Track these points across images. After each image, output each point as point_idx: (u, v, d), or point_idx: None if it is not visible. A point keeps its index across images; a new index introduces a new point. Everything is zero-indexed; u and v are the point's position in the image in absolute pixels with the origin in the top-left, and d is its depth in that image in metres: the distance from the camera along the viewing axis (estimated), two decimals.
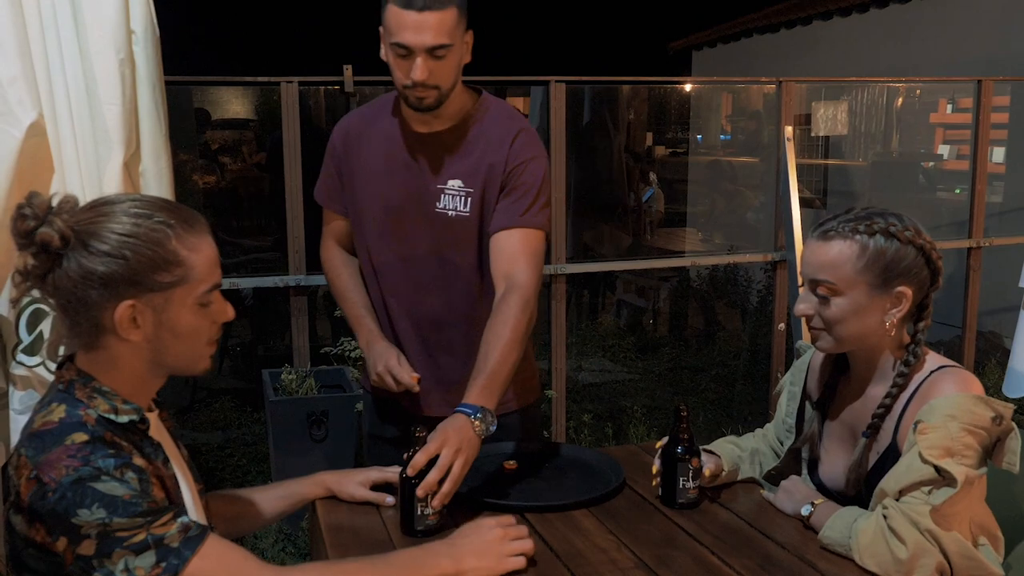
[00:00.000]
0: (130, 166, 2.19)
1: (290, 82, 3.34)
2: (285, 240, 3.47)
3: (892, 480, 1.50)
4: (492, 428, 1.67)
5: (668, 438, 1.72)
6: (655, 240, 6.92)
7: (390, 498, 1.69)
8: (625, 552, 1.55)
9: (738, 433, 2.01)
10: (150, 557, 1.19)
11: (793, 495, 1.69)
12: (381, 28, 1.85)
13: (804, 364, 1.84)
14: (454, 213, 1.94)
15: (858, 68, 6.88)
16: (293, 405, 3.20)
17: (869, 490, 1.58)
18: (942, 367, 1.59)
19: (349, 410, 3.15)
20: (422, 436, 1.60)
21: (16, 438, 2.19)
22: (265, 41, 13.17)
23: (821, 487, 1.71)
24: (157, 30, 2.20)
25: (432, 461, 1.55)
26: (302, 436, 3.16)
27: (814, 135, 4.76)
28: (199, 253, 1.31)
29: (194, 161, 6.10)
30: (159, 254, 1.28)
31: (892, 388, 1.59)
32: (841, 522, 1.53)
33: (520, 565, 1.43)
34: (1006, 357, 3.51)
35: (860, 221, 1.57)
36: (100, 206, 1.29)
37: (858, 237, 1.55)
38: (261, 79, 3.48)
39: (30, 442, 1.24)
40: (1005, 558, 1.56)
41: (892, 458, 1.55)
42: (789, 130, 3.89)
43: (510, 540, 1.45)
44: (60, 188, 2.13)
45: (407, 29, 1.77)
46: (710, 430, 4.38)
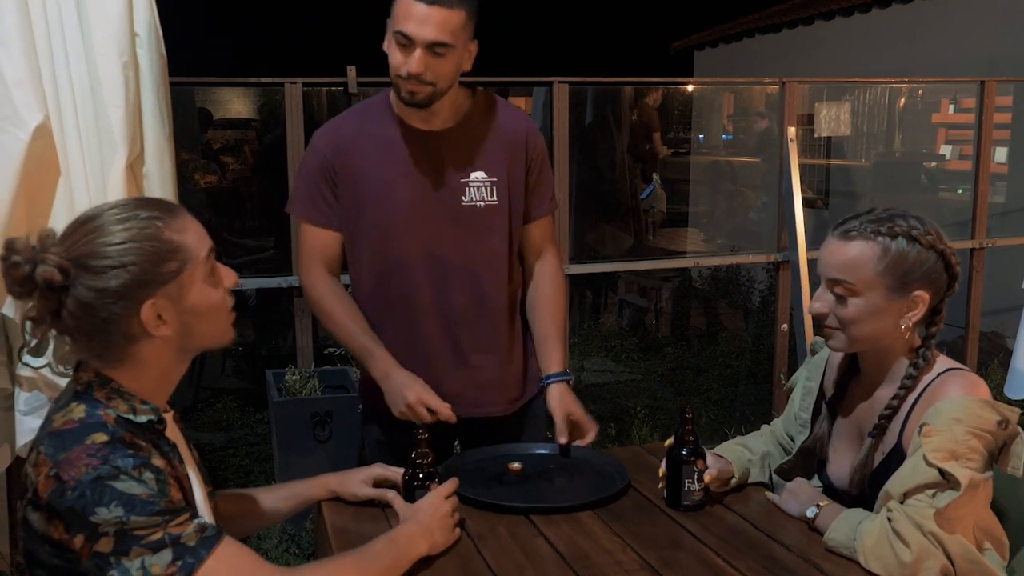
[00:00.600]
0: (134, 168, 2.20)
1: (294, 83, 3.34)
2: (288, 240, 3.47)
3: (897, 482, 1.50)
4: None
5: (673, 439, 1.72)
6: (657, 240, 6.91)
7: (392, 493, 1.70)
8: (630, 554, 1.56)
9: (741, 434, 2.01)
10: (166, 555, 1.20)
11: (798, 497, 1.70)
12: (389, 20, 1.88)
13: (822, 361, 1.83)
14: (483, 204, 2.00)
15: (860, 68, 6.88)
16: (297, 406, 3.21)
17: (874, 490, 1.58)
18: (949, 369, 1.59)
19: (353, 411, 3.15)
20: (424, 438, 1.62)
21: (21, 439, 2.20)
22: (269, 42, 13.18)
23: (829, 486, 1.72)
24: (160, 32, 2.20)
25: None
26: (306, 437, 3.16)
27: (817, 136, 4.76)
28: (188, 232, 1.34)
29: (196, 161, 6.10)
30: (158, 248, 1.29)
31: (900, 390, 1.59)
32: (846, 524, 1.53)
33: (458, 534, 1.59)
34: (1008, 358, 3.51)
35: (882, 223, 1.56)
36: (83, 225, 1.29)
37: (880, 239, 1.55)
38: (265, 80, 3.48)
39: (50, 440, 1.25)
40: (1009, 562, 1.56)
41: (897, 459, 1.56)
42: (792, 131, 3.89)
43: (453, 511, 1.59)
44: (66, 190, 2.13)
45: (412, 19, 1.81)
46: (712, 430, 4.38)
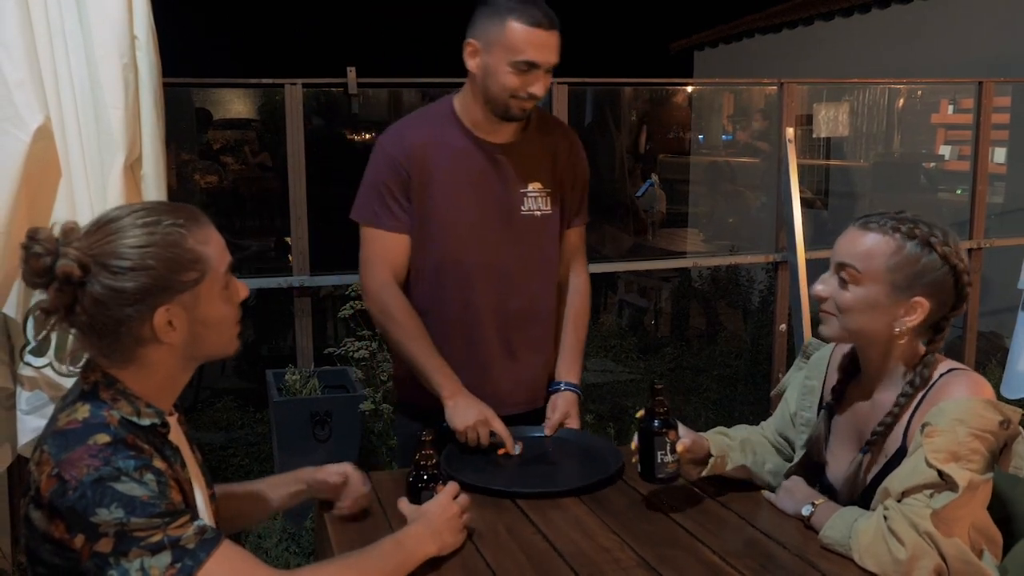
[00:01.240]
0: (134, 169, 2.21)
1: (294, 84, 3.36)
2: (285, 242, 3.49)
3: (896, 481, 1.50)
4: None
5: (644, 412, 1.69)
6: (657, 240, 6.92)
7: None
8: (628, 551, 1.57)
9: None
10: (165, 557, 1.21)
11: (794, 495, 1.70)
12: (475, 40, 1.96)
13: (824, 361, 1.81)
14: (539, 213, 2.11)
15: (859, 68, 6.89)
16: (297, 405, 3.22)
17: (874, 494, 1.58)
18: (951, 370, 1.58)
19: (353, 410, 3.17)
20: (428, 440, 1.63)
21: (23, 438, 2.21)
22: (269, 42, 13.18)
23: (828, 490, 1.71)
24: (156, 36, 2.22)
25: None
26: (306, 436, 3.17)
27: (815, 137, 4.77)
28: (210, 244, 1.34)
29: (196, 161, 6.10)
30: (180, 255, 1.29)
31: (900, 397, 1.58)
32: (841, 522, 1.54)
33: (466, 536, 1.59)
34: (1007, 357, 3.52)
35: (903, 222, 1.56)
36: (106, 225, 1.30)
37: (897, 236, 1.55)
38: (266, 81, 3.49)
39: (54, 440, 1.26)
40: (1002, 560, 1.57)
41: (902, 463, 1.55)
42: (790, 131, 3.90)
43: (462, 513, 1.57)
44: (66, 191, 2.15)
45: (536, 47, 1.91)
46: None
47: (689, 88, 8.68)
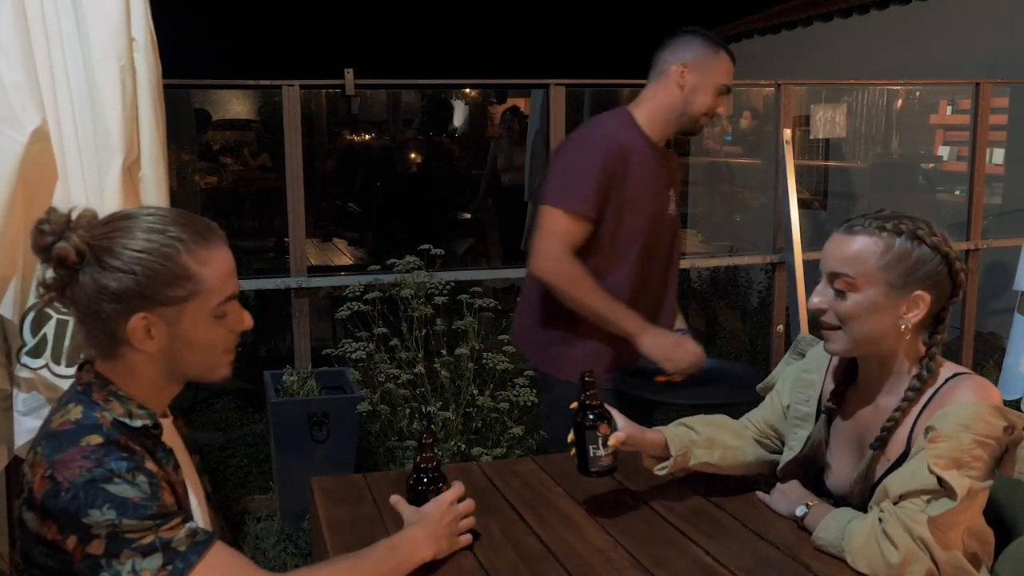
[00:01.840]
0: (132, 171, 2.21)
1: (291, 85, 3.36)
2: (284, 242, 3.49)
3: (896, 482, 1.49)
4: None
5: (576, 405, 1.67)
6: None
7: (394, 496, 1.70)
8: (621, 552, 1.57)
9: None
10: (157, 560, 1.21)
11: (788, 496, 1.70)
12: (691, 63, 2.35)
13: (823, 356, 1.77)
14: (674, 212, 2.52)
15: (858, 69, 6.89)
16: (295, 406, 3.22)
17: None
18: (958, 375, 1.57)
19: (350, 411, 3.17)
20: (430, 443, 1.63)
21: (19, 439, 2.22)
22: (267, 44, 13.18)
23: (829, 494, 1.69)
24: (155, 37, 2.22)
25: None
26: (304, 437, 3.18)
27: (813, 137, 4.77)
28: (211, 266, 1.33)
29: (195, 162, 6.11)
30: (169, 269, 1.29)
31: (903, 401, 1.57)
32: (835, 523, 1.54)
33: (468, 540, 1.58)
34: (1003, 358, 3.53)
35: (888, 220, 1.55)
36: (117, 220, 1.32)
37: (884, 235, 1.53)
38: (264, 82, 3.49)
39: (47, 441, 1.27)
40: (994, 560, 1.57)
41: None
42: (788, 133, 3.90)
43: (460, 518, 1.57)
44: (63, 193, 2.15)
45: (732, 77, 2.40)
46: None
47: None
